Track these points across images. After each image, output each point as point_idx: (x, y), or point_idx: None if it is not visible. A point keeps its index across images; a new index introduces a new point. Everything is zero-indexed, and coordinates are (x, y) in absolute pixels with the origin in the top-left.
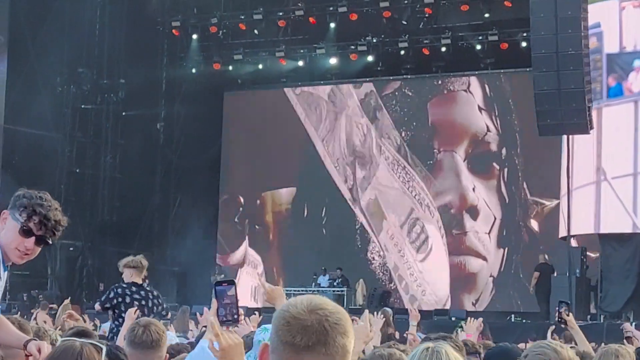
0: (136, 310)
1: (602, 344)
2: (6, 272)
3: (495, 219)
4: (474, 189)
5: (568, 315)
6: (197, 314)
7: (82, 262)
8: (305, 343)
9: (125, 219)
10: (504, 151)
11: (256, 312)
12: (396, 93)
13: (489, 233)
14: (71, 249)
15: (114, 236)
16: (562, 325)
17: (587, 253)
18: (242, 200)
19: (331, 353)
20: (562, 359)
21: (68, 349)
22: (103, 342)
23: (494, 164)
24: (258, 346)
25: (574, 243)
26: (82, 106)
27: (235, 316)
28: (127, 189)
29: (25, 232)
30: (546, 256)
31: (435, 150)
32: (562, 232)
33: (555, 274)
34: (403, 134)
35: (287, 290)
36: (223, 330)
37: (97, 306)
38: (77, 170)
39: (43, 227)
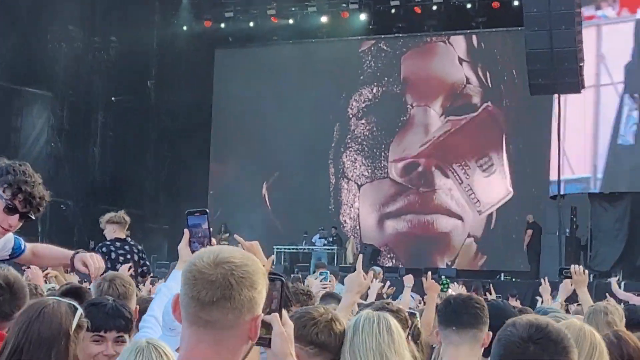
0: (130, 267)
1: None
2: None
3: None
4: None
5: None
6: None
7: (72, 221)
8: (210, 298)
9: (117, 177)
10: (489, 105)
11: None
12: (372, 48)
13: (467, 191)
14: (62, 207)
15: (105, 195)
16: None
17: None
18: (233, 158)
19: (237, 307)
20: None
21: (35, 304)
22: (106, 299)
23: (477, 117)
24: None
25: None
26: (73, 64)
27: (208, 246)
28: (118, 147)
29: (10, 209)
30: (532, 216)
31: (408, 106)
32: (553, 191)
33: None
34: (375, 90)
35: (277, 249)
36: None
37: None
38: (68, 128)
39: (28, 205)
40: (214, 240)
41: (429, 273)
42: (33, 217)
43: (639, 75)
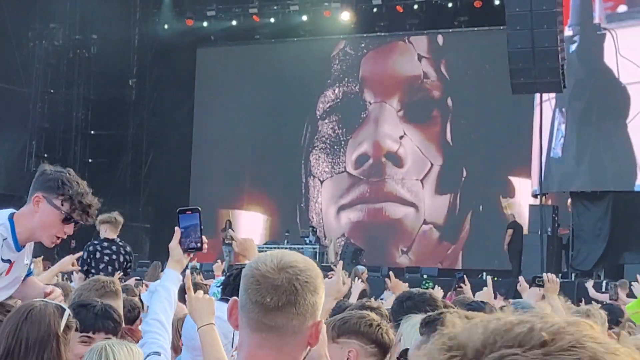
0: (119, 275)
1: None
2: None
3: (432, 165)
4: (401, 137)
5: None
6: None
7: None
8: (275, 303)
9: (98, 175)
10: (449, 101)
11: (218, 260)
12: (340, 53)
13: (421, 180)
14: None
15: None
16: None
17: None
18: (214, 157)
19: (302, 312)
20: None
21: (22, 307)
22: (95, 301)
23: (436, 110)
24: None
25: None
26: (54, 62)
27: (199, 244)
28: (99, 145)
29: (68, 219)
30: (514, 215)
31: (367, 103)
32: (535, 188)
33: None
34: (337, 90)
35: (260, 248)
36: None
37: (81, 274)
38: (48, 126)
39: (85, 215)
40: (204, 238)
41: (391, 273)
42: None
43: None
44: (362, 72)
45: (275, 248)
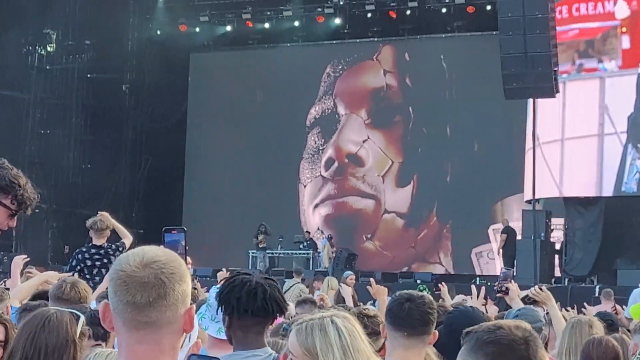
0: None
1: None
2: None
3: (392, 163)
4: (364, 141)
5: (511, 282)
6: None
7: (47, 224)
8: (146, 300)
9: (93, 180)
10: (410, 108)
11: (223, 269)
12: (332, 62)
13: (382, 175)
14: (37, 210)
15: (80, 198)
16: (500, 295)
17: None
18: (208, 161)
19: (173, 303)
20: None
21: (38, 314)
22: (85, 307)
23: (398, 116)
24: (214, 302)
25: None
26: (48, 67)
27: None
28: (93, 151)
29: (14, 215)
30: (507, 220)
31: (341, 115)
32: (528, 196)
33: (520, 238)
34: (322, 101)
35: (253, 253)
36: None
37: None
38: (42, 132)
39: (28, 209)
40: (189, 259)
41: (372, 279)
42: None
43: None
44: (336, 90)
45: (269, 254)
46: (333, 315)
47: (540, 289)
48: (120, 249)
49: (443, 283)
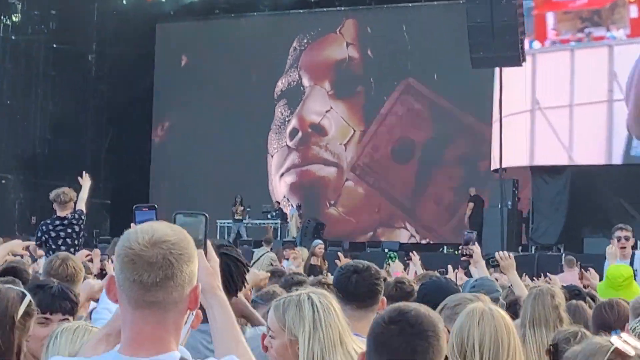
0: (87, 255)
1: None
2: None
3: (354, 131)
4: (327, 111)
5: (474, 245)
6: None
7: (13, 195)
8: (153, 280)
9: (57, 151)
10: (371, 79)
11: None
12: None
13: (345, 144)
14: (2, 181)
15: (45, 169)
16: (465, 259)
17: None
18: (174, 131)
19: (180, 283)
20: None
21: None
22: (52, 281)
23: (360, 87)
24: None
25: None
26: (13, 37)
27: None
28: (58, 121)
29: None
30: (474, 189)
31: (306, 87)
32: (495, 165)
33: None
34: (283, 80)
35: (221, 224)
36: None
37: (35, 246)
38: (9, 102)
39: None
40: None
41: (340, 254)
42: None
43: None
44: (301, 63)
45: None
46: (311, 292)
47: (508, 256)
48: (82, 216)
49: (414, 252)
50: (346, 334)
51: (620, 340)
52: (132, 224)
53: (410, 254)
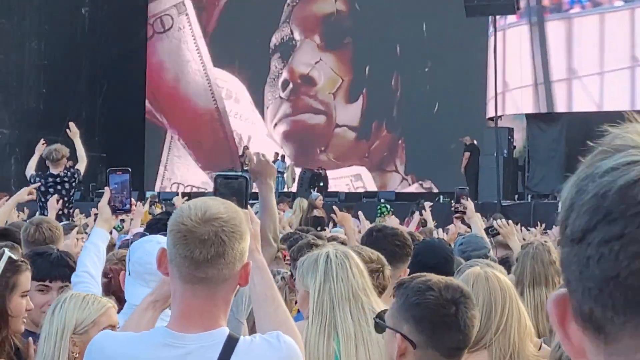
0: (58, 200)
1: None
2: None
3: (342, 80)
4: (316, 62)
5: (467, 200)
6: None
7: (9, 151)
8: (205, 257)
9: (52, 106)
10: (360, 31)
11: (179, 193)
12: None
13: (334, 93)
14: None
15: (40, 124)
16: (458, 215)
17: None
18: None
19: (231, 261)
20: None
21: None
22: (51, 248)
23: (348, 38)
24: None
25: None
26: None
27: (127, 205)
28: (53, 76)
29: None
30: (469, 138)
31: (297, 41)
32: (490, 113)
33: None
34: (277, 35)
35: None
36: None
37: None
38: (1, 57)
39: None
40: (134, 200)
41: (335, 207)
42: None
43: None
44: (292, 18)
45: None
46: (332, 250)
47: (507, 223)
48: (76, 175)
49: (426, 204)
50: (364, 292)
51: None
52: (106, 187)
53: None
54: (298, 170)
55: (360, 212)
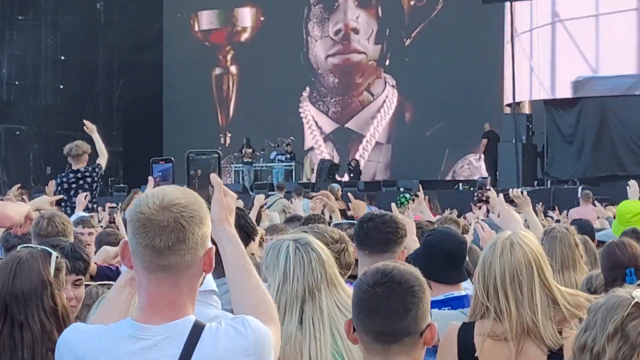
0: (86, 196)
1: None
2: None
3: (372, 30)
4: (357, 17)
5: (489, 190)
6: None
7: (28, 147)
8: (165, 244)
9: (70, 101)
10: None
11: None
12: None
13: (367, 38)
14: (17, 132)
15: (58, 119)
16: (481, 205)
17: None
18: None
19: (192, 246)
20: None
21: (8, 261)
22: (63, 241)
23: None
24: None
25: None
26: None
27: None
28: (70, 70)
29: None
30: (489, 124)
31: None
32: (508, 99)
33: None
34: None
35: (236, 167)
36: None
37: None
38: (18, 53)
39: None
40: None
41: (350, 194)
42: None
43: None
44: None
45: (257, 167)
46: (292, 244)
47: (521, 193)
48: (97, 170)
49: (418, 194)
50: (325, 283)
51: None
52: (149, 177)
53: (418, 192)
54: (316, 161)
55: (392, 204)
